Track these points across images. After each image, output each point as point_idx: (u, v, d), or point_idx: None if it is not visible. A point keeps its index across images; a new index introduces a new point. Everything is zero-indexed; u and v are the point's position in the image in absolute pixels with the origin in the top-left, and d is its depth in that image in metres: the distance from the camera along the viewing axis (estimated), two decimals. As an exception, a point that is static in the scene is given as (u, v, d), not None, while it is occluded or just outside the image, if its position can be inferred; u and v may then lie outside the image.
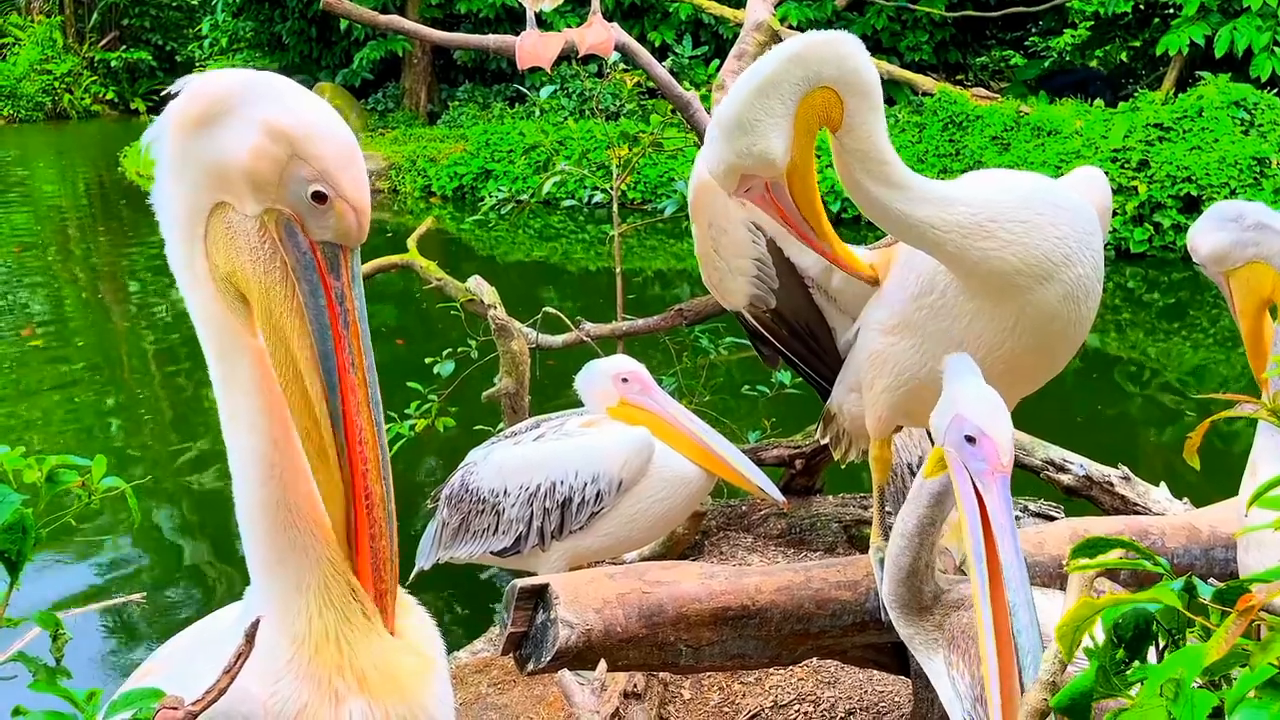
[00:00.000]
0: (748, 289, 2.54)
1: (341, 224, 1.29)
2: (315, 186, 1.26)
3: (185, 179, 1.29)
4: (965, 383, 1.89)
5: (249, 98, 1.26)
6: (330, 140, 1.27)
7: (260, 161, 1.24)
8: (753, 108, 1.89)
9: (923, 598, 2.00)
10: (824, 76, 1.90)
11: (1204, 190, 10.15)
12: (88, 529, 5.17)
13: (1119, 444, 6.05)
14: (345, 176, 1.28)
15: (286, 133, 1.24)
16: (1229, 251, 2.36)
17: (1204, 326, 8.75)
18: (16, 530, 1.11)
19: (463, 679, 3.65)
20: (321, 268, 1.30)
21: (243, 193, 1.27)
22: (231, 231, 1.29)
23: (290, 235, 1.28)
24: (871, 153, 1.96)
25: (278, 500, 1.33)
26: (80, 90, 24.46)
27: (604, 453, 3.17)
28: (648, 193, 12.29)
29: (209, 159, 1.26)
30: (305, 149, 1.25)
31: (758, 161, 1.92)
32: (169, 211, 1.32)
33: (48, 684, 1.14)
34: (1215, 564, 2.66)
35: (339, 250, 1.30)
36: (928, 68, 14.75)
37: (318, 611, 1.34)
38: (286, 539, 1.34)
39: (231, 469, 1.36)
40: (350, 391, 1.31)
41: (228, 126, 1.25)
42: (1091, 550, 1.20)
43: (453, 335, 5.08)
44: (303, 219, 1.28)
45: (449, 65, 18.03)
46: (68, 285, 10.60)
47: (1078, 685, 1.08)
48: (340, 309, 1.30)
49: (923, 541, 1.97)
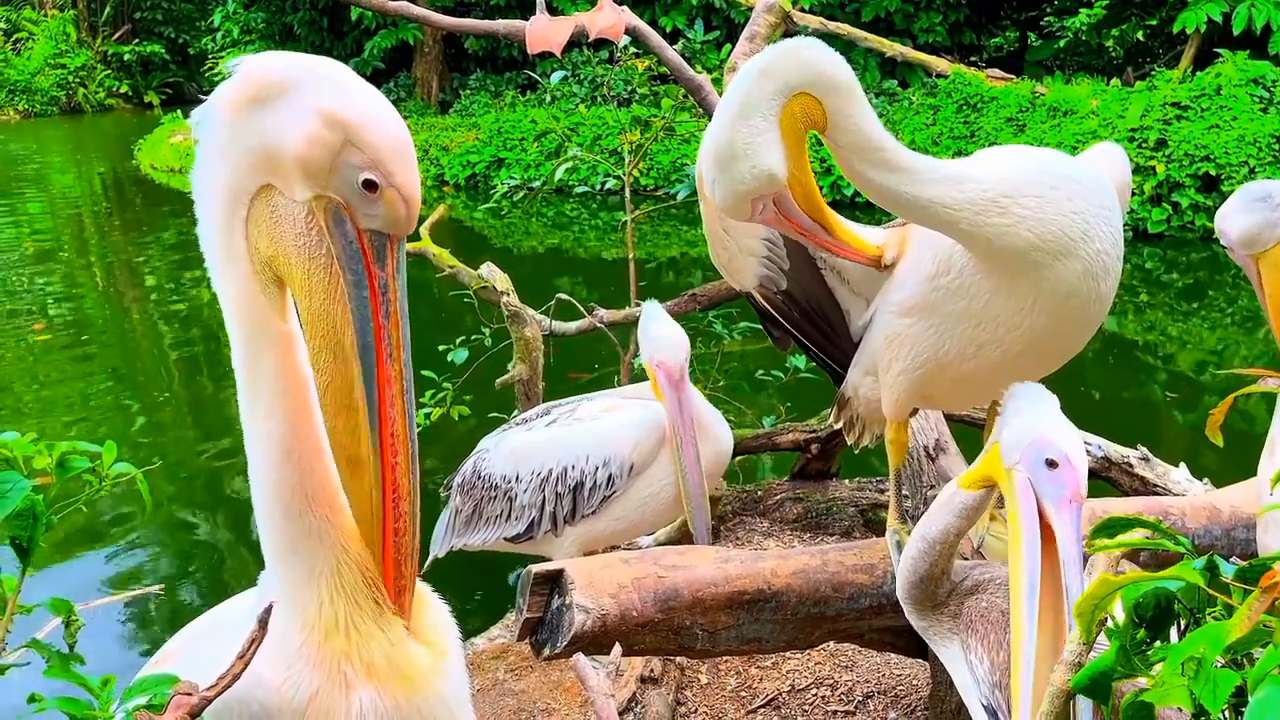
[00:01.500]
0: (758, 269, 2.52)
1: (391, 213, 1.28)
2: (367, 175, 1.25)
3: (231, 160, 1.27)
4: (1046, 408, 1.85)
5: (307, 82, 1.25)
6: (385, 130, 1.27)
7: (314, 147, 1.24)
8: (739, 132, 1.91)
9: (937, 598, 1.99)
10: (795, 85, 1.91)
11: (1222, 169, 10.05)
12: (104, 517, 5.21)
13: (1138, 425, 6.00)
14: (398, 166, 1.27)
15: (342, 120, 1.24)
16: (1259, 233, 2.31)
17: (1222, 307, 8.67)
18: (27, 517, 1.11)
19: (480, 665, 3.66)
20: (368, 257, 1.29)
21: (292, 177, 1.26)
22: (276, 215, 1.28)
23: (339, 223, 1.27)
24: (865, 143, 1.95)
25: (294, 486, 1.33)
26: (94, 84, 24.57)
27: (615, 436, 3.16)
28: (660, 179, 12.26)
29: (260, 141, 1.25)
30: (360, 137, 1.24)
31: (762, 182, 1.94)
32: (210, 191, 1.30)
33: (62, 670, 1.14)
34: (1236, 544, 2.64)
35: (386, 240, 1.30)
36: (941, 49, 14.63)
37: (329, 598, 1.34)
38: (302, 525, 1.34)
39: (248, 453, 1.35)
40: (387, 384, 1.30)
41: (283, 110, 1.24)
42: (1112, 530, 1.19)
43: (466, 322, 5.09)
44: (352, 208, 1.27)
45: (460, 54, 18.02)
46: (83, 277, 10.67)
47: (1098, 665, 1.07)
48: (383, 299, 1.30)
49: (944, 551, 1.95)
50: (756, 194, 1.96)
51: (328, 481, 1.35)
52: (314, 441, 1.34)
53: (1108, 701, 1.08)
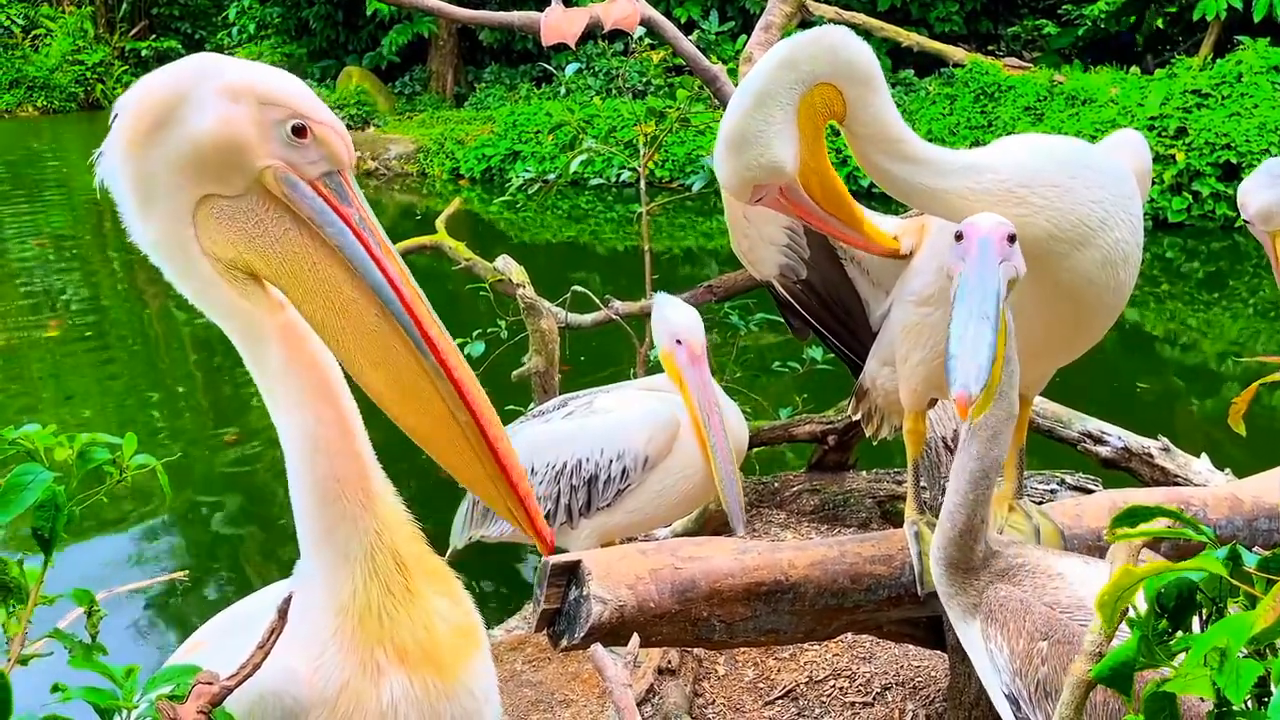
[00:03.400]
0: (778, 259, 2.51)
1: (330, 148, 1.29)
2: (292, 122, 1.27)
3: (158, 192, 1.28)
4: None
5: (191, 78, 1.27)
6: (281, 79, 1.30)
7: (234, 125, 1.25)
8: (753, 120, 1.90)
9: (973, 558, 1.95)
10: (819, 75, 1.90)
11: (1243, 157, 9.95)
12: (127, 508, 5.25)
13: (1158, 415, 5.96)
14: (310, 104, 1.29)
15: (244, 88, 1.26)
16: (1279, 210, 2.30)
17: (1243, 296, 8.59)
18: (49, 508, 1.12)
19: (498, 657, 3.68)
20: (333, 202, 1.29)
21: (224, 172, 1.26)
22: (224, 218, 1.28)
23: (291, 185, 1.28)
24: (883, 133, 1.94)
25: (325, 473, 1.33)
26: (112, 80, 24.69)
27: (629, 429, 3.16)
28: (675, 170, 12.23)
29: (179, 154, 1.26)
30: (266, 93, 1.26)
31: (767, 172, 1.93)
32: (151, 233, 1.31)
33: (85, 660, 1.15)
34: (1259, 535, 2.61)
35: (338, 177, 1.30)
36: (958, 38, 14.53)
37: (363, 583, 1.35)
38: (336, 510, 1.34)
39: (282, 445, 1.36)
40: (414, 309, 1.29)
41: (189, 114, 1.25)
42: (1133, 520, 1.18)
43: (482, 315, 5.09)
44: (294, 164, 1.28)
45: (475, 47, 18.02)
46: (103, 273, 10.74)
47: (1120, 655, 1.06)
48: (366, 234, 1.30)
49: (978, 495, 1.92)
50: (760, 183, 1.95)
51: (361, 466, 1.36)
52: (342, 425, 1.34)
53: (1129, 691, 1.07)
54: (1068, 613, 1.81)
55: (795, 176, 1.97)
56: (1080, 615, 1.78)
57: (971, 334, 1.71)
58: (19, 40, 25.31)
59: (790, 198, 2.01)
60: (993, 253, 1.75)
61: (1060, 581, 1.87)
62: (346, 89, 17.41)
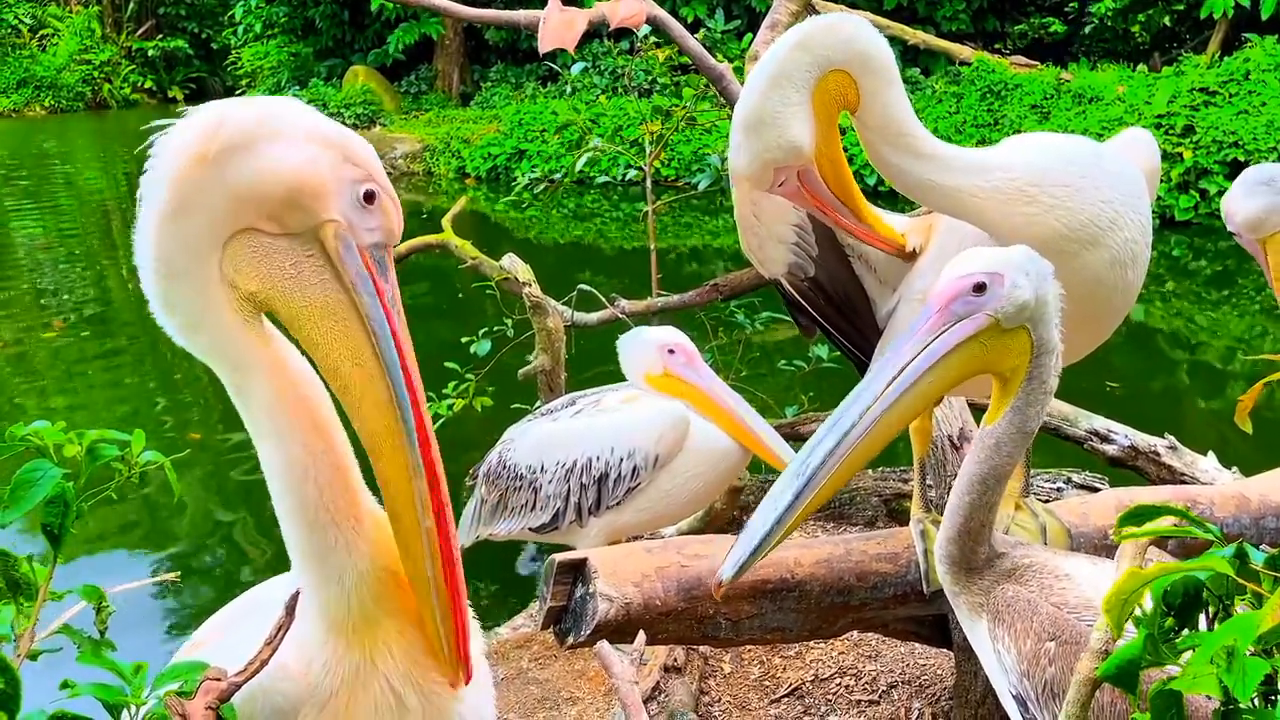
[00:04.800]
0: (787, 256, 2.51)
1: (388, 221, 1.33)
2: (366, 186, 1.29)
3: (201, 212, 1.26)
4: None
5: (285, 117, 1.28)
6: (366, 145, 1.33)
7: (318, 171, 1.26)
8: (770, 100, 1.90)
9: (975, 558, 1.95)
10: (833, 60, 1.90)
11: (1251, 155, 9.91)
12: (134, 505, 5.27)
13: (1165, 414, 5.94)
14: (384, 175, 1.33)
15: (337, 141, 1.28)
16: (1265, 217, 2.30)
17: (1251, 295, 8.57)
18: (58, 504, 1.12)
19: (504, 654, 3.68)
20: (374, 274, 1.31)
21: (283, 211, 1.27)
22: (261, 253, 1.28)
23: (348, 248, 1.30)
24: (894, 127, 1.93)
25: (314, 503, 1.33)
26: (119, 79, 24.77)
27: (639, 428, 3.17)
28: (681, 169, 12.22)
29: (244, 181, 1.25)
30: (354, 153, 1.29)
31: (787, 152, 1.92)
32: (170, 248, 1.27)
33: (94, 656, 1.15)
34: (1266, 533, 2.60)
35: (384, 252, 1.33)
36: (965, 36, 14.51)
37: (356, 602, 1.35)
38: (326, 538, 1.34)
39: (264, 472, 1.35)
40: (418, 401, 1.32)
41: (271, 146, 1.25)
42: (1139, 518, 1.18)
43: (488, 314, 5.10)
44: (353, 226, 1.30)
45: (481, 46, 18.04)
46: (110, 272, 10.77)
47: (1126, 653, 1.06)
48: (393, 312, 1.32)
49: (983, 499, 1.91)
50: (780, 164, 1.95)
51: (350, 490, 1.35)
52: (332, 456, 1.33)
53: (1134, 690, 1.07)
54: (1075, 613, 1.80)
55: (813, 159, 1.97)
56: (1088, 616, 1.78)
57: (761, 514, 1.73)
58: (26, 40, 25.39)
59: (808, 185, 2.01)
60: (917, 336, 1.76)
61: (1068, 582, 1.86)
62: (352, 88, 17.44)
